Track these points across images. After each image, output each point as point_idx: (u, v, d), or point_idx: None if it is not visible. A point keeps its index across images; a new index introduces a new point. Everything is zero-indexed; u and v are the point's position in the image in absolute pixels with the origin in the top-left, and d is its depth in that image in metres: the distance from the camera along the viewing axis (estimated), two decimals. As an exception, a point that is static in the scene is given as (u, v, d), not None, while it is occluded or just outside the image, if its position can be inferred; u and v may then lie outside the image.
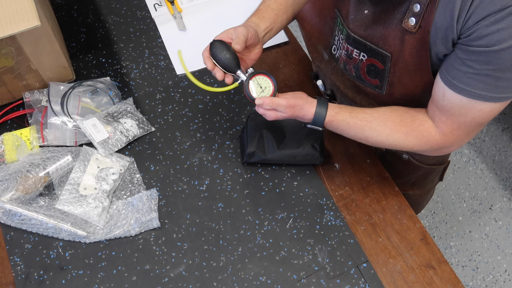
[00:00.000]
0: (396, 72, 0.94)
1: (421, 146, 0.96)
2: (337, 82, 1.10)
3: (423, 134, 0.95)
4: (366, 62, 0.98)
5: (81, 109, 1.18)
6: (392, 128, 0.96)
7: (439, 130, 0.94)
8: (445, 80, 0.87)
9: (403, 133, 0.96)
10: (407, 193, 1.34)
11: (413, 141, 0.96)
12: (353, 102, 1.09)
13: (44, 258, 1.03)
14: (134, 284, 1.01)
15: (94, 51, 1.32)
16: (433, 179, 1.34)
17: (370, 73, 0.98)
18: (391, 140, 0.97)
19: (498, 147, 2.30)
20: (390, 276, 1.03)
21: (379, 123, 0.97)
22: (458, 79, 0.84)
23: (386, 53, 0.93)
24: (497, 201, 2.16)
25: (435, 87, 0.91)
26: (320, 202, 1.11)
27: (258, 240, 1.06)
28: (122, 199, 1.09)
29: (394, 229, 1.08)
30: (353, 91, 1.07)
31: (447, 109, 0.90)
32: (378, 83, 0.99)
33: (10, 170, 1.06)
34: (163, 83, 1.27)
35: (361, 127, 0.97)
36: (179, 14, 1.38)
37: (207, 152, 1.17)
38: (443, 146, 0.95)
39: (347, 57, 1.01)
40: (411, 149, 0.98)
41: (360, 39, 0.95)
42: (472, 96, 0.84)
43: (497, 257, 2.02)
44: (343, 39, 1.00)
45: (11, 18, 0.99)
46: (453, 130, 0.92)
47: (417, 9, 0.84)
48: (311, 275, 1.03)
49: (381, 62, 0.95)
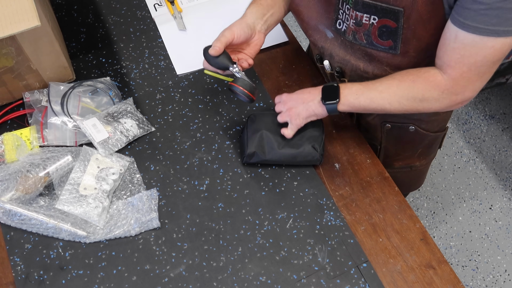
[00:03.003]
0: (410, 26, 0.95)
1: (430, 91, 0.98)
2: (347, 57, 1.10)
3: (429, 79, 0.97)
4: (378, 25, 0.98)
5: (81, 109, 1.18)
6: (400, 79, 1.00)
7: (446, 76, 0.95)
8: (457, 22, 0.88)
9: (411, 81, 0.98)
10: (414, 164, 1.39)
11: (421, 87, 0.98)
12: (365, 73, 1.10)
13: (44, 258, 1.03)
14: (134, 284, 1.01)
15: (94, 51, 1.32)
16: (435, 147, 1.38)
17: (382, 35, 1.00)
18: (401, 90, 1.00)
19: (498, 147, 2.30)
20: (390, 276, 1.03)
21: (388, 78, 1.02)
22: (471, 18, 0.85)
23: (399, 8, 0.93)
24: (497, 201, 2.16)
25: (445, 33, 0.91)
26: (320, 202, 1.11)
27: (258, 240, 1.06)
28: (122, 199, 1.09)
29: (394, 229, 1.08)
30: (365, 61, 1.08)
31: (457, 51, 0.91)
32: (392, 43, 1.00)
33: (10, 170, 1.06)
34: (163, 83, 1.27)
35: (373, 84, 1.02)
36: (179, 14, 1.38)
37: (207, 152, 1.17)
38: (455, 92, 0.96)
39: (356, 25, 1.01)
40: (423, 97, 0.99)
41: (370, 2, 0.96)
42: (485, 32, 0.85)
43: (497, 257, 2.02)
44: (350, 8, 1.00)
45: (11, 18, 0.99)
46: (463, 73, 0.93)
47: None
48: (311, 275, 1.03)
49: (394, 20, 0.96)
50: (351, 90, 1.03)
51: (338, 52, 1.11)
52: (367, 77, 1.10)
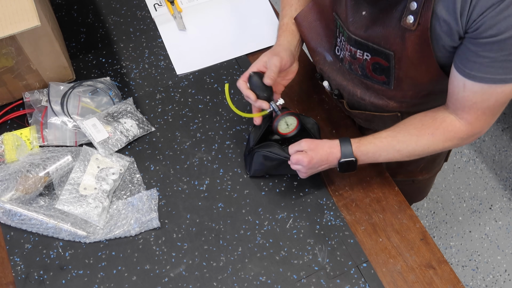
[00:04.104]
0: (401, 68, 0.95)
1: (451, 141, 0.97)
2: (344, 82, 1.10)
3: (448, 129, 0.95)
4: (371, 61, 0.98)
5: (81, 109, 1.18)
6: (417, 134, 0.98)
7: (463, 121, 0.94)
8: (463, 73, 0.87)
9: (430, 134, 0.97)
10: (416, 178, 1.36)
11: (441, 139, 0.96)
12: (362, 100, 1.09)
13: (44, 258, 1.03)
14: (134, 284, 1.01)
15: (94, 51, 1.32)
16: (440, 161, 1.36)
17: (376, 70, 0.99)
18: (421, 146, 0.98)
19: (498, 147, 2.30)
20: (390, 276, 1.03)
21: (404, 134, 0.99)
22: (477, 69, 0.85)
23: (389, 51, 0.93)
24: (497, 201, 2.16)
25: (453, 81, 0.91)
26: (320, 202, 1.11)
27: (258, 240, 1.06)
28: (122, 199, 1.09)
29: (394, 229, 1.08)
30: (362, 89, 1.07)
31: (469, 99, 0.90)
32: (385, 79, 0.99)
33: (10, 170, 1.06)
34: (163, 83, 1.27)
35: (389, 143, 0.99)
36: (179, 14, 1.38)
37: (207, 152, 1.17)
38: (473, 134, 0.96)
39: (351, 57, 1.01)
40: (443, 148, 0.98)
41: (361, 40, 0.96)
42: (493, 81, 0.85)
43: (497, 257, 2.02)
44: (345, 41, 1.00)
45: (11, 18, 0.99)
46: (478, 117, 0.92)
47: (414, 7, 0.84)
48: (311, 275, 1.03)
49: (385, 60, 0.95)
50: (368, 155, 1.01)
51: (336, 76, 1.11)
52: (364, 104, 1.09)
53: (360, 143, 1.00)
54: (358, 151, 1.00)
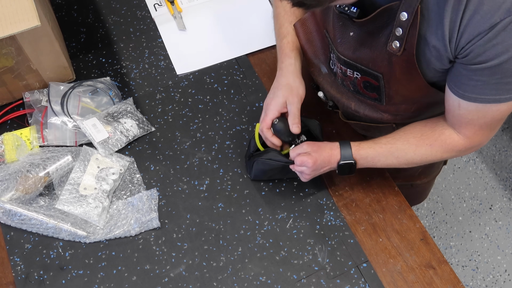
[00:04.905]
0: (391, 87, 0.96)
1: (449, 152, 0.98)
2: (338, 95, 1.10)
3: (447, 141, 0.96)
4: (361, 79, 0.99)
5: (81, 109, 1.18)
6: (416, 144, 0.98)
7: (462, 135, 0.95)
8: (457, 93, 0.87)
9: (428, 145, 0.97)
10: (415, 182, 1.36)
11: (440, 150, 0.97)
12: (356, 112, 1.09)
13: (44, 258, 1.03)
14: (134, 284, 1.01)
15: (94, 51, 1.32)
16: (439, 165, 1.36)
17: (367, 88, 1.00)
18: (419, 155, 0.99)
19: (498, 147, 2.30)
20: (390, 276, 1.03)
21: (403, 142, 0.99)
22: (470, 91, 0.85)
23: (377, 73, 0.94)
24: (497, 201, 2.16)
25: (448, 100, 0.91)
26: (320, 202, 1.11)
27: (258, 240, 1.06)
28: (122, 199, 1.09)
29: (394, 229, 1.08)
30: (356, 102, 1.07)
31: (465, 117, 0.91)
32: (377, 96, 1.00)
33: (10, 170, 1.06)
34: (163, 83, 1.27)
35: (388, 150, 1.00)
36: (179, 14, 1.38)
37: (207, 152, 1.17)
38: (471, 147, 0.97)
39: (343, 74, 1.02)
40: (441, 158, 1.00)
41: (350, 61, 0.97)
42: (487, 101, 0.85)
43: (497, 257, 2.02)
44: (335, 58, 1.01)
45: (11, 18, 0.99)
46: (476, 132, 0.93)
47: (399, 33, 0.84)
48: (311, 275, 1.03)
49: (375, 80, 0.96)
50: (367, 159, 1.01)
51: (330, 89, 1.11)
52: (359, 116, 1.09)
53: (360, 146, 1.01)
54: (357, 154, 1.01)
